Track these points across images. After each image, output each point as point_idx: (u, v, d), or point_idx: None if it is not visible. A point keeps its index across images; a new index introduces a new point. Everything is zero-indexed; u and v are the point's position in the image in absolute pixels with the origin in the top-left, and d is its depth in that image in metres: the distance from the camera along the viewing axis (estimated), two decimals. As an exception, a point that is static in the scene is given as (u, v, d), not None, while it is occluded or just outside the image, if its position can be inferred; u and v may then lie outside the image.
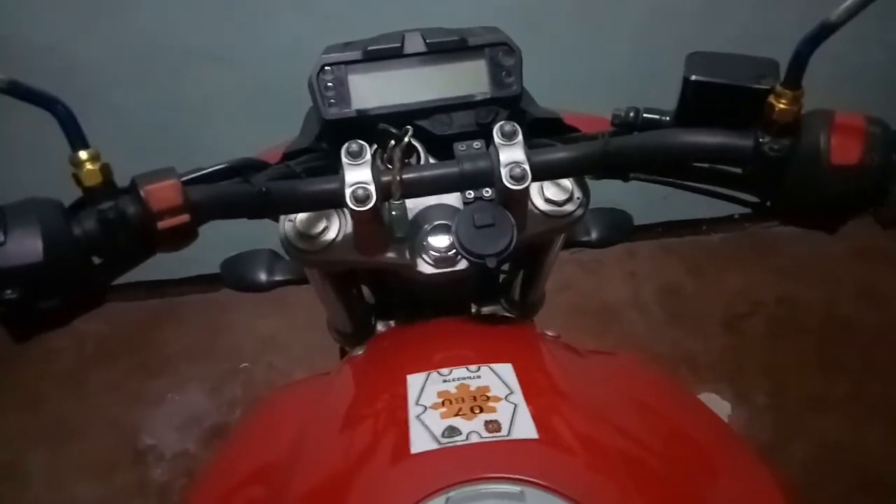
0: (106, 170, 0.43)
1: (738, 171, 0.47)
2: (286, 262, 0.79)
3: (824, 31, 0.40)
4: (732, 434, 0.49)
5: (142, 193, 0.43)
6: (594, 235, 0.81)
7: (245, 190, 0.47)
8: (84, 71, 1.57)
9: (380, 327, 0.76)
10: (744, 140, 0.44)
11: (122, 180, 0.45)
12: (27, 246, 0.40)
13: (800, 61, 0.41)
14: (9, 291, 0.39)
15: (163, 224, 0.43)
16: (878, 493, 1.43)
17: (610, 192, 0.65)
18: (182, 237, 0.45)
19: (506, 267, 0.78)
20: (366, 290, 0.77)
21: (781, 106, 0.42)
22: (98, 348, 1.87)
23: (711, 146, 0.45)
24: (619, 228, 0.82)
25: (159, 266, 0.49)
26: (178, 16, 1.52)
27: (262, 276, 0.79)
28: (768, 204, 0.47)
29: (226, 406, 1.74)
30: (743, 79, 0.45)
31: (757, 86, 0.44)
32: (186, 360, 1.84)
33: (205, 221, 0.46)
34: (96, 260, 0.44)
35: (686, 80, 0.46)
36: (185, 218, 0.43)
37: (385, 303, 0.76)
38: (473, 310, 0.72)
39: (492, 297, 0.76)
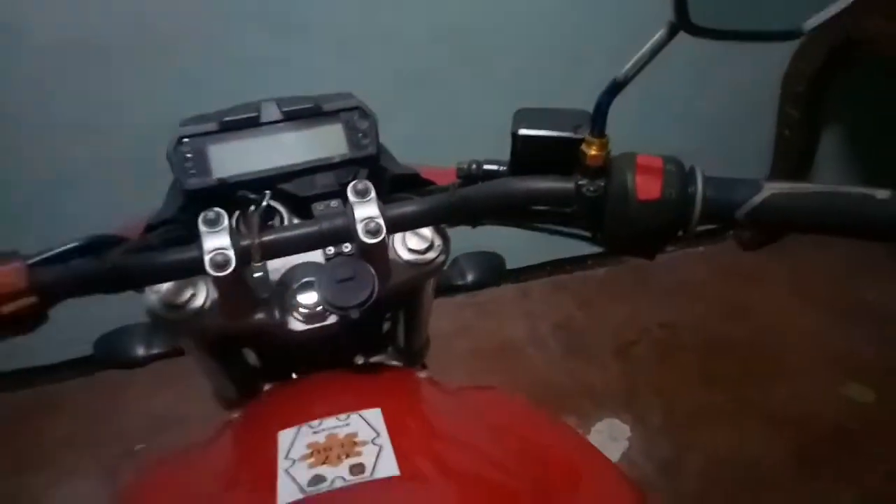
0: None
1: (568, 210, 0.53)
2: (163, 334, 0.77)
3: (616, 87, 0.46)
4: (592, 449, 0.53)
5: None
6: (469, 278, 0.85)
7: (98, 266, 0.46)
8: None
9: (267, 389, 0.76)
10: (566, 183, 0.50)
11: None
12: None
13: (600, 113, 0.47)
14: None
15: (7, 308, 0.42)
16: (760, 489, 1.56)
17: (498, 237, 0.70)
18: (30, 321, 0.44)
19: (388, 316, 0.81)
20: (252, 355, 0.77)
21: (592, 152, 0.48)
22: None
23: (540, 191, 0.51)
24: (493, 270, 0.87)
25: (28, 353, 0.48)
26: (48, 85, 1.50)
27: (140, 351, 0.76)
28: (597, 236, 0.53)
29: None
30: (561, 129, 0.51)
31: (572, 135, 0.50)
32: (69, 449, 1.70)
33: (56, 302, 0.45)
34: None
35: (514, 135, 0.52)
36: (31, 300, 0.43)
37: (270, 364, 0.76)
38: (361, 361, 0.73)
39: (379, 348, 0.78)
